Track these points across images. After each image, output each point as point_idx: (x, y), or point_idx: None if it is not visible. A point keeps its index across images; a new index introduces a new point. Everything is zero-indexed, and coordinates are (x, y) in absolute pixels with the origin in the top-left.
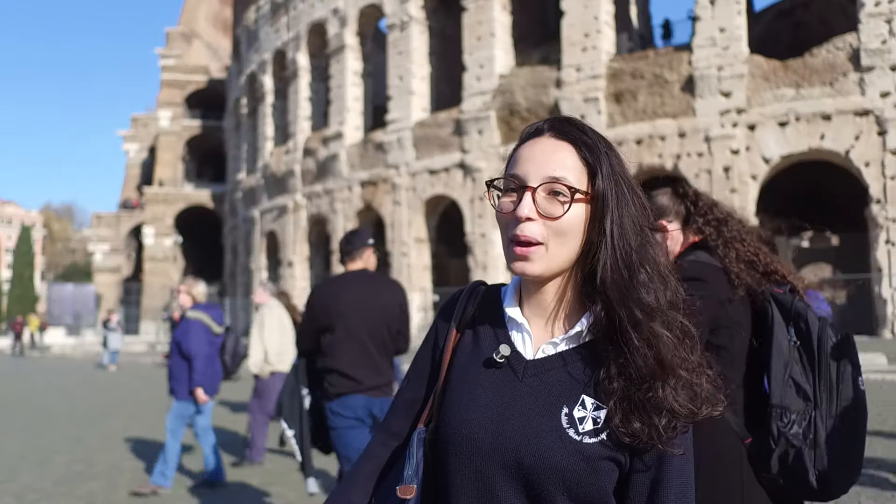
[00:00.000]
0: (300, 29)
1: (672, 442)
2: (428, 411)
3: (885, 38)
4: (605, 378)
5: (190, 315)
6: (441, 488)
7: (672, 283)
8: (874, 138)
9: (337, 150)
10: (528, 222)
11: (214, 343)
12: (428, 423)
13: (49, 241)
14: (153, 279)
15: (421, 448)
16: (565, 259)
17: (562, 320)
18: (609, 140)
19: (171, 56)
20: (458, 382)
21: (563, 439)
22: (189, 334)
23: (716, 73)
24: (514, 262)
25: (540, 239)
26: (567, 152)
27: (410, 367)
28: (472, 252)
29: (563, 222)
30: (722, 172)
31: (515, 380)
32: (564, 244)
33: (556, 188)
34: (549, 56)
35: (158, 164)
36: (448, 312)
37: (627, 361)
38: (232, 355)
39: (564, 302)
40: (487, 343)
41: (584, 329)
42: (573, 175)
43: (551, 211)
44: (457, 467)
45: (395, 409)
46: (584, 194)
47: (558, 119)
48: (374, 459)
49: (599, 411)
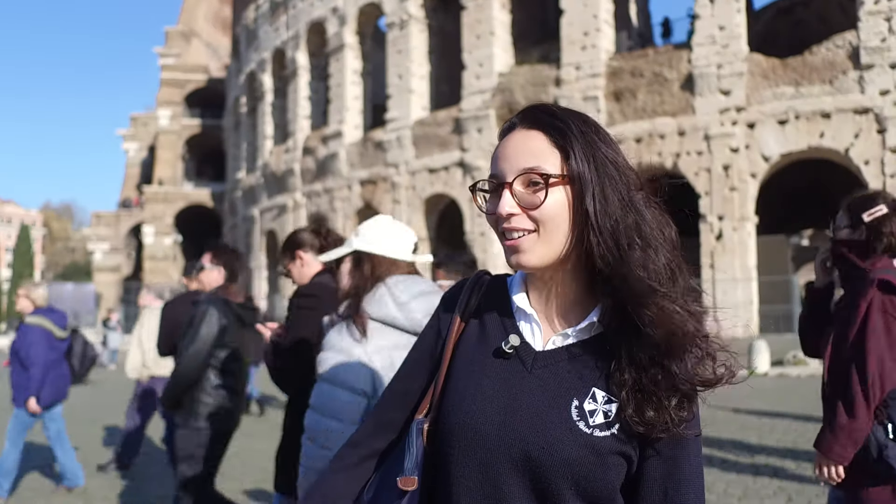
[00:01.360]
0: (299, 28)
1: (687, 425)
2: (428, 401)
3: (885, 36)
4: (616, 370)
5: (29, 321)
6: (441, 481)
7: (668, 253)
8: (874, 136)
9: (336, 149)
10: (511, 217)
11: (58, 348)
12: (427, 413)
13: (49, 241)
14: (153, 278)
15: (420, 438)
16: (559, 245)
17: (570, 312)
18: (591, 118)
19: (170, 55)
20: (462, 372)
21: (574, 432)
22: (27, 341)
23: (715, 71)
24: (509, 257)
25: (529, 227)
26: (537, 140)
27: (408, 356)
28: (472, 251)
29: (545, 210)
30: (721, 171)
31: (524, 371)
32: (554, 230)
33: (532, 178)
34: (549, 54)
35: (158, 163)
36: (452, 302)
37: (638, 346)
38: (80, 359)
39: (571, 293)
40: (494, 333)
41: (595, 321)
42: (547, 160)
43: (531, 201)
44: (459, 459)
45: (388, 398)
46: (560, 177)
47: (529, 108)
48: (361, 448)
49: (611, 405)
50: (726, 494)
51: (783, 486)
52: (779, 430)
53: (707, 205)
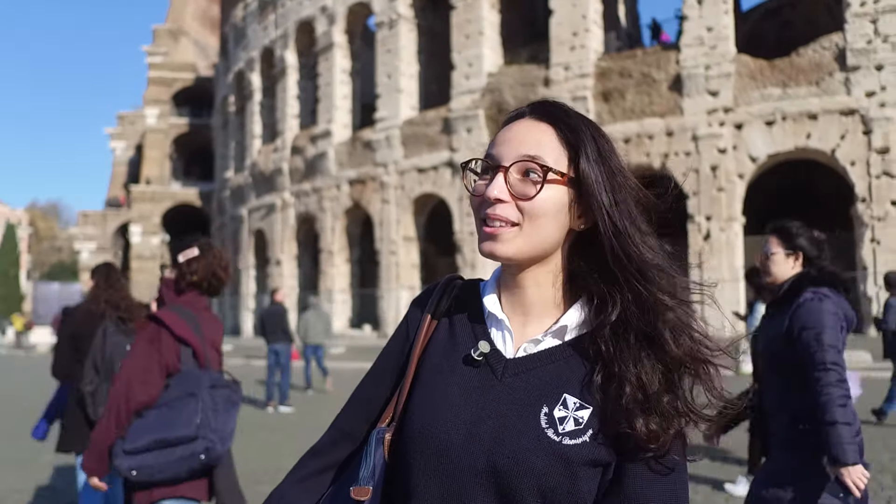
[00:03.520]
0: (288, 27)
1: (665, 449)
2: (391, 410)
3: (871, 38)
4: (592, 375)
5: None
6: (399, 493)
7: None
8: (860, 137)
9: (325, 149)
10: (498, 204)
11: None
12: (390, 422)
13: (35, 240)
14: (140, 277)
15: (380, 448)
16: (540, 243)
17: (544, 317)
18: (599, 126)
19: (158, 53)
20: (429, 380)
21: (541, 440)
22: None
23: (703, 72)
24: (483, 243)
25: (513, 219)
26: (545, 132)
27: (375, 362)
28: (461, 250)
29: (536, 203)
30: (709, 171)
31: (494, 379)
32: (540, 227)
33: (530, 167)
34: (538, 55)
35: (145, 162)
36: (422, 304)
37: (639, 357)
38: None
39: (547, 297)
40: (464, 339)
41: (569, 325)
42: (550, 155)
43: (524, 191)
44: (422, 470)
45: (350, 406)
46: (561, 175)
47: (541, 101)
48: (322, 458)
49: (583, 411)
50: (714, 493)
51: None
52: None
53: (695, 205)
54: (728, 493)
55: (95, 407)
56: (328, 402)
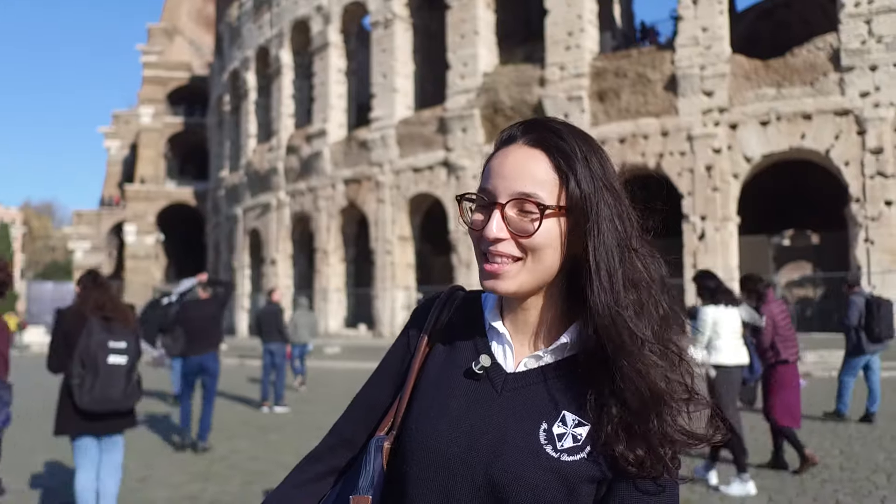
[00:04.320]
0: (283, 26)
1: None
2: (390, 419)
3: (865, 39)
4: (592, 396)
5: None
6: (399, 502)
7: (662, 300)
8: (854, 138)
9: (320, 148)
10: (499, 242)
11: None
12: (389, 431)
13: (29, 239)
14: (135, 277)
15: (379, 456)
16: (542, 275)
17: (544, 333)
18: (594, 141)
19: (152, 52)
20: (429, 391)
21: (540, 456)
22: None
23: (698, 72)
24: (485, 281)
25: (515, 255)
26: (539, 162)
27: (379, 365)
28: (456, 250)
29: (535, 239)
30: (704, 171)
31: (494, 393)
32: (541, 260)
33: (526, 206)
34: (533, 54)
35: (140, 161)
36: (421, 318)
37: (619, 388)
38: None
39: (548, 315)
40: (465, 353)
41: (569, 342)
42: (545, 189)
43: (523, 228)
44: (419, 481)
45: (351, 413)
46: (557, 209)
47: (534, 123)
48: (321, 464)
49: (581, 428)
50: (708, 493)
51: (764, 485)
52: (759, 429)
53: (690, 205)
54: (722, 492)
55: (81, 396)
56: (324, 403)
